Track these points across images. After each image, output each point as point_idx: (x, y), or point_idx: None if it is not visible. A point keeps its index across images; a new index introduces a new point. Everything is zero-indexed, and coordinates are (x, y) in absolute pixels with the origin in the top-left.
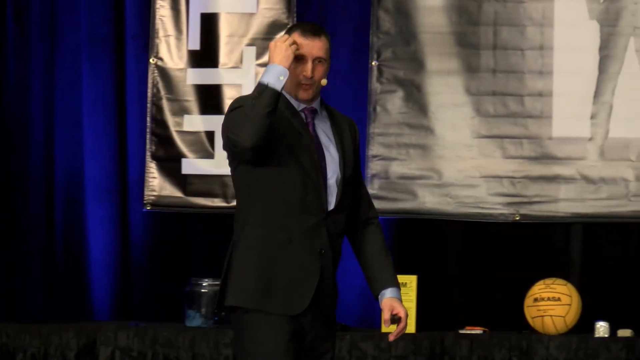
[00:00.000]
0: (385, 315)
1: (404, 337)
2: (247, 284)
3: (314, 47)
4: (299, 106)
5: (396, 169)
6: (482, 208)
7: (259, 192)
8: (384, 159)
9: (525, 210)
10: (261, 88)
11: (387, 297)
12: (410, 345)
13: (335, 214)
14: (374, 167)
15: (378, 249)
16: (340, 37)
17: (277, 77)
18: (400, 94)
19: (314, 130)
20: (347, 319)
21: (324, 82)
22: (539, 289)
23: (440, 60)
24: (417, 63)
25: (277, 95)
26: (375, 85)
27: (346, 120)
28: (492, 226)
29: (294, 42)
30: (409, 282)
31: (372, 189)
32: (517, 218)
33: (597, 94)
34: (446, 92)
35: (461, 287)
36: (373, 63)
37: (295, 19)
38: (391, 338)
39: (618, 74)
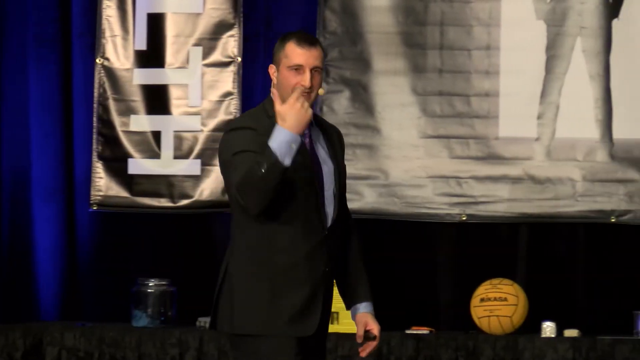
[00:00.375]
0: (359, 331)
1: (349, 337)
2: (258, 311)
3: (311, 56)
4: None
5: None
6: (429, 208)
7: (264, 221)
8: None
9: (471, 210)
10: (270, 160)
11: (361, 312)
12: (357, 346)
13: (334, 228)
14: None
15: (356, 260)
16: None
17: (288, 146)
18: (346, 94)
19: (311, 143)
20: None
21: (321, 91)
22: (486, 289)
23: (387, 60)
24: (363, 63)
25: (285, 170)
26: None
27: (333, 128)
28: (439, 226)
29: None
30: None
31: None
32: (464, 218)
33: (543, 94)
34: (393, 92)
35: (408, 287)
36: None
37: (241, 19)
38: (363, 354)
39: (565, 73)
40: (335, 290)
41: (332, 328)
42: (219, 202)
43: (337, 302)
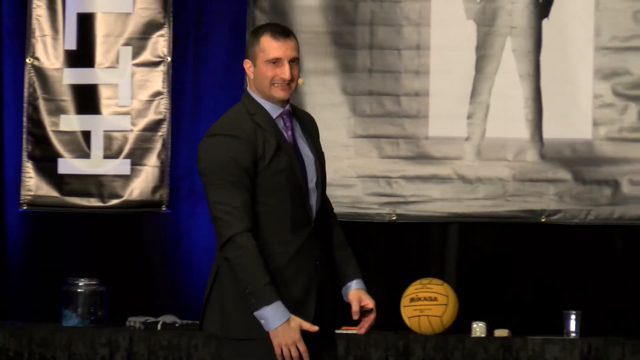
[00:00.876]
0: (354, 307)
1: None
2: (249, 314)
3: (288, 48)
4: (276, 112)
5: None
6: (359, 208)
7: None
8: None
9: (401, 210)
10: (255, 293)
11: (353, 289)
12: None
13: (319, 220)
14: None
15: (339, 243)
16: (216, 37)
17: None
18: None
19: (293, 135)
20: None
21: (300, 81)
22: (416, 289)
23: (317, 60)
24: None
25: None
26: None
27: (305, 115)
28: (369, 226)
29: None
30: None
31: None
32: (394, 218)
33: (473, 94)
34: (322, 91)
35: (337, 287)
36: None
37: (171, 18)
38: (361, 331)
39: (495, 73)
40: None
41: None
42: (149, 202)
43: None
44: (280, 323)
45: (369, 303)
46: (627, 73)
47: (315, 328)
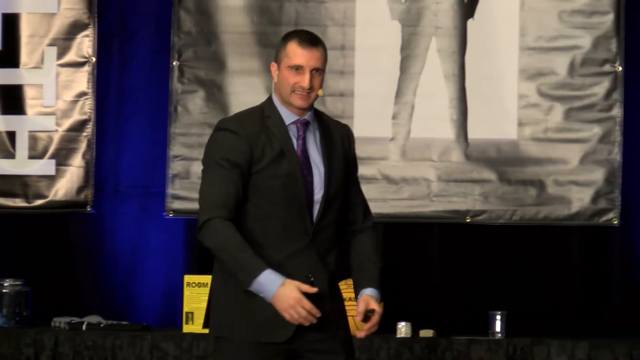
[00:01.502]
0: (360, 307)
1: (205, 337)
2: (227, 313)
3: (312, 57)
4: (290, 119)
5: (197, 169)
6: None
7: (244, 218)
8: (185, 159)
9: None
10: (241, 273)
11: (364, 294)
12: (211, 346)
13: (321, 232)
14: (175, 167)
15: (364, 254)
16: (140, 37)
17: (259, 290)
18: (201, 94)
19: (304, 144)
20: (147, 319)
21: (320, 92)
22: (341, 290)
23: (242, 60)
24: (218, 63)
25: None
26: (176, 85)
27: (340, 128)
28: None
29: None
30: (209, 282)
31: (174, 189)
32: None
33: (398, 94)
34: (247, 92)
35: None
36: (174, 63)
37: (96, 19)
38: (361, 335)
39: (420, 73)
40: None
41: (187, 328)
42: (74, 202)
43: (192, 303)
44: (275, 289)
45: (376, 307)
46: (552, 73)
47: (314, 289)
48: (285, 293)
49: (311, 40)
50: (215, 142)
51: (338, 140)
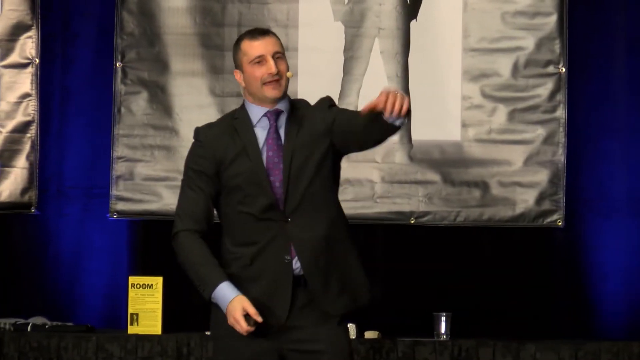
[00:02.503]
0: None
1: (150, 338)
2: (219, 313)
3: (268, 43)
4: (261, 113)
5: (141, 170)
6: None
7: (222, 217)
8: (128, 160)
9: None
10: (200, 284)
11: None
12: (156, 347)
13: (297, 211)
14: (118, 168)
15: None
16: (84, 39)
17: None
18: (144, 95)
19: (276, 132)
20: (92, 320)
21: (289, 74)
22: None
23: (185, 61)
24: (161, 64)
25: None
26: (119, 86)
27: (302, 104)
28: None
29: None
30: (155, 283)
31: (117, 190)
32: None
33: (342, 96)
34: (191, 93)
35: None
36: (117, 64)
37: (39, 20)
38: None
39: (363, 75)
40: None
41: (132, 329)
42: (18, 204)
43: (136, 304)
44: (226, 305)
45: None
46: (496, 74)
47: (259, 319)
48: (229, 310)
49: (260, 30)
50: (188, 154)
51: (315, 116)
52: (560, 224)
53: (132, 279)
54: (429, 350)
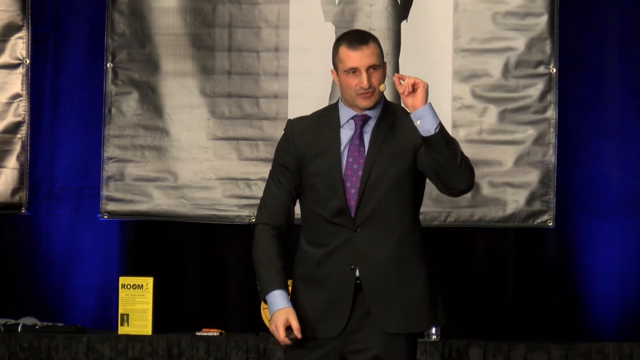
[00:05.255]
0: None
1: (140, 339)
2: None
3: (364, 56)
4: (349, 115)
5: (131, 170)
6: (218, 210)
7: (302, 214)
8: (119, 160)
9: None
10: (261, 285)
11: None
12: (147, 347)
13: (367, 222)
14: (109, 169)
15: None
16: (74, 39)
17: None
18: (135, 95)
19: (360, 138)
20: (82, 321)
21: (382, 87)
22: None
23: (175, 62)
24: (152, 65)
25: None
26: (110, 87)
27: (402, 113)
28: (228, 228)
29: (293, 337)
30: (146, 284)
31: (108, 190)
32: (254, 220)
33: (332, 96)
34: (181, 93)
35: (197, 289)
36: (108, 65)
37: (29, 20)
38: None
39: None
40: None
41: (122, 330)
42: (9, 204)
43: (127, 304)
44: (273, 312)
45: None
46: (487, 75)
47: (299, 335)
48: (273, 319)
49: (360, 39)
50: (277, 145)
51: (407, 128)
52: (550, 224)
53: (123, 280)
54: (419, 350)
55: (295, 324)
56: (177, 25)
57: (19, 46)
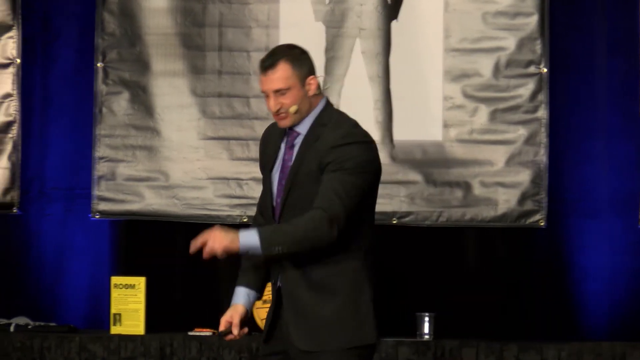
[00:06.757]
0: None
1: (132, 338)
2: None
3: (268, 81)
4: (289, 132)
5: (123, 170)
6: (209, 210)
7: None
8: (110, 160)
9: (252, 211)
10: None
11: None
12: (139, 347)
13: None
14: (100, 168)
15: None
16: (65, 39)
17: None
18: (126, 95)
19: (290, 151)
20: (75, 320)
21: (292, 109)
22: (269, 291)
23: (166, 61)
24: (142, 64)
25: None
26: (100, 86)
27: (332, 134)
28: None
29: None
30: (138, 283)
31: (99, 190)
32: (245, 220)
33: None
34: (172, 93)
35: (189, 288)
36: (98, 64)
37: (20, 20)
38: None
39: (344, 75)
40: None
41: (115, 330)
42: (1, 204)
43: (119, 304)
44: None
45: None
46: (477, 75)
47: (233, 332)
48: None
49: (267, 62)
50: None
51: (318, 146)
52: (542, 224)
53: (115, 279)
54: (412, 350)
55: (234, 321)
56: (167, 25)
57: (9, 46)
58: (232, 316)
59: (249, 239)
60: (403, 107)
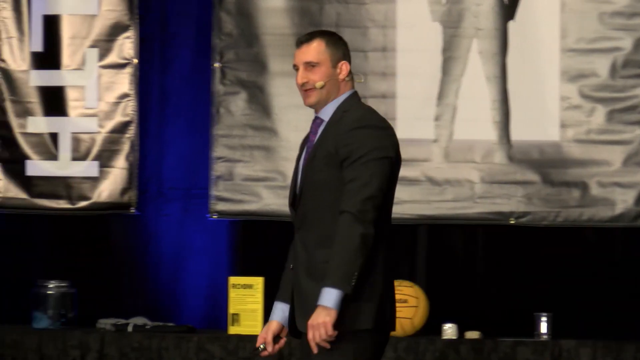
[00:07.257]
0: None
1: (251, 339)
2: None
3: (301, 53)
4: (314, 120)
5: (240, 170)
6: None
7: None
8: (228, 160)
9: None
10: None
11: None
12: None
13: (304, 227)
14: (218, 168)
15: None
16: (182, 39)
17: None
18: (243, 95)
19: (313, 137)
20: (193, 320)
21: (319, 84)
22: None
23: (283, 61)
24: (259, 65)
25: None
26: (218, 87)
27: (350, 117)
28: None
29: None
30: (256, 284)
31: (217, 190)
32: None
33: (440, 96)
34: (289, 93)
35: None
36: (216, 65)
37: (137, 20)
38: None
39: (461, 75)
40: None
41: (233, 330)
42: (117, 204)
43: (237, 304)
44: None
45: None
46: (594, 75)
47: (267, 349)
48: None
49: (305, 37)
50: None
51: (336, 130)
52: None
53: (233, 280)
54: (529, 350)
55: (267, 338)
56: (284, 25)
57: (126, 46)
58: (266, 332)
59: (331, 297)
60: (520, 107)
